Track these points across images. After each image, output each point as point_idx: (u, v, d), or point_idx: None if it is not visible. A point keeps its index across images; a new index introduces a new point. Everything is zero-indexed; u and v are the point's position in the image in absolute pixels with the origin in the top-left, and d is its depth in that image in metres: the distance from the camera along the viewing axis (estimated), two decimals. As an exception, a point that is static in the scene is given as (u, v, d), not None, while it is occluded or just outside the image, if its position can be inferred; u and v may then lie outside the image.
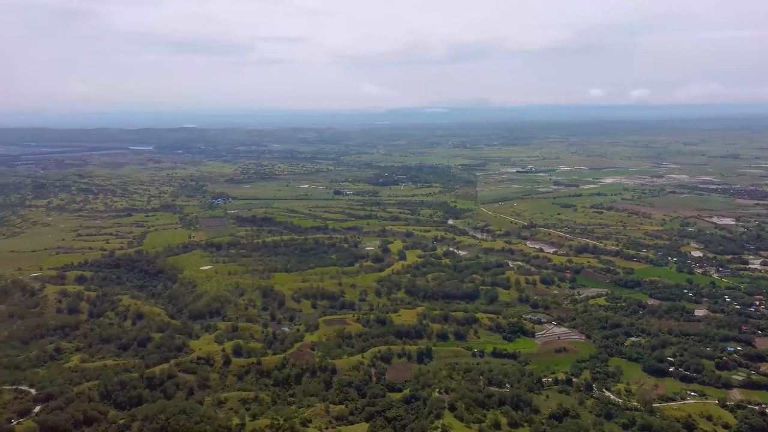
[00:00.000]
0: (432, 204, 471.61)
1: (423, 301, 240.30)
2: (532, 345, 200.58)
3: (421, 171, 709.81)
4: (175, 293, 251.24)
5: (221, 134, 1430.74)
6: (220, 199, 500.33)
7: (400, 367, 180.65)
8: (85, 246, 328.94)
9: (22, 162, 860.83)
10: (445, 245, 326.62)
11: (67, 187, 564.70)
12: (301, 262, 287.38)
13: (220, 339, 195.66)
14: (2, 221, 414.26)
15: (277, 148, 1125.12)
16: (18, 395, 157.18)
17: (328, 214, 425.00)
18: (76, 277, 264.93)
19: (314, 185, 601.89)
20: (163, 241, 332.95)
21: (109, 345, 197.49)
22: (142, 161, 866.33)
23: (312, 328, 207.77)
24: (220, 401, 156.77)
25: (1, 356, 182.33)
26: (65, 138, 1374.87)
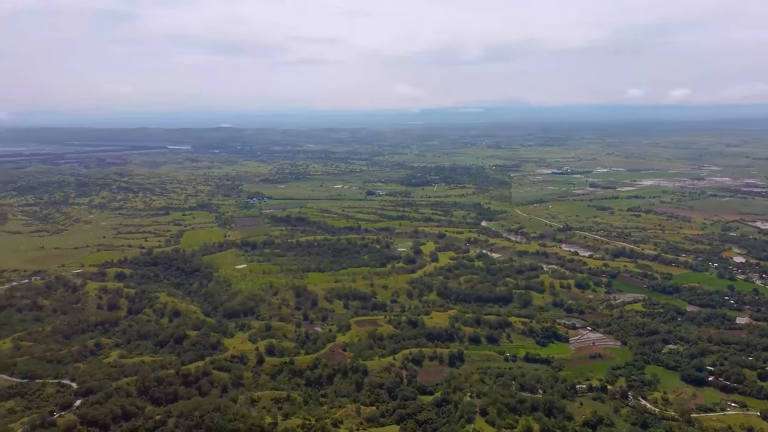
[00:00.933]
0: (465, 205, 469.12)
1: (455, 303, 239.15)
2: (566, 350, 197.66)
3: (455, 172, 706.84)
4: (211, 291, 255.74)
5: (257, 134, 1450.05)
6: (255, 199, 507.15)
7: (432, 370, 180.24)
8: (124, 244, 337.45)
9: (65, 161, 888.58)
10: (479, 247, 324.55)
11: (108, 186, 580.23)
12: (334, 263, 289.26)
13: (254, 338, 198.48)
14: (47, 218, 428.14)
15: (311, 148, 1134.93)
16: (60, 389, 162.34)
17: (360, 215, 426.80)
18: (116, 275, 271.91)
19: (347, 185, 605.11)
20: (199, 240, 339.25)
21: (147, 341, 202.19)
22: (179, 160, 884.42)
23: (344, 329, 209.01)
24: (253, 400, 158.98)
25: (45, 350, 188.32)
26: (107, 137, 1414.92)
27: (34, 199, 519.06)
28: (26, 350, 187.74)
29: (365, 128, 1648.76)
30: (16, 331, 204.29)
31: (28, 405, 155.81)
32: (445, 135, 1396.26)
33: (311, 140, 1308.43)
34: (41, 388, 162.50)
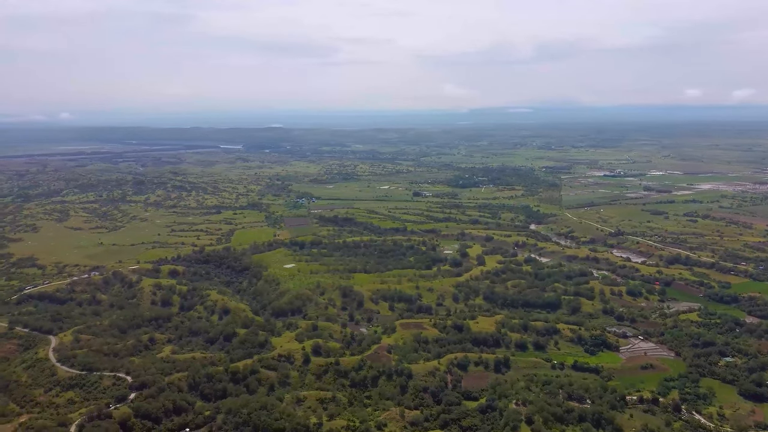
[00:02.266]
0: (513, 208, 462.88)
1: (502, 308, 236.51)
2: (615, 360, 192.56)
3: (503, 173, 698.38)
4: (260, 290, 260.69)
5: (306, 134, 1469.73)
6: (303, 199, 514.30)
7: (477, 376, 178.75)
8: (178, 241, 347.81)
9: (123, 159, 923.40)
10: (527, 251, 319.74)
11: (163, 184, 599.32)
12: (380, 264, 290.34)
13: (301, 337, 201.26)
14: (106, 215, 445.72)
15: (359, 148, 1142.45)
16: (116, 382, 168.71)
17: (407, 216, 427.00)
18: (170, 271, 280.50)
19: (394, 186, 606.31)
20: (249, 239, 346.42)
21: (198, 338, 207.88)
22: (231, 160, 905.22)
23: (389, 331, 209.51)
24: (299, 399, 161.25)
25: (102, 344, 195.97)
26: (163, 136, 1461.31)
27: (94, 197, 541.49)
28: (85, 343, 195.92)
29: (413, 129, 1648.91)
30: (76, 325, 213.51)
31: (86, 396, 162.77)
32: (494, 135, 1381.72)
33: (359, 141, 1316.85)
34: (98, 381, 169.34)
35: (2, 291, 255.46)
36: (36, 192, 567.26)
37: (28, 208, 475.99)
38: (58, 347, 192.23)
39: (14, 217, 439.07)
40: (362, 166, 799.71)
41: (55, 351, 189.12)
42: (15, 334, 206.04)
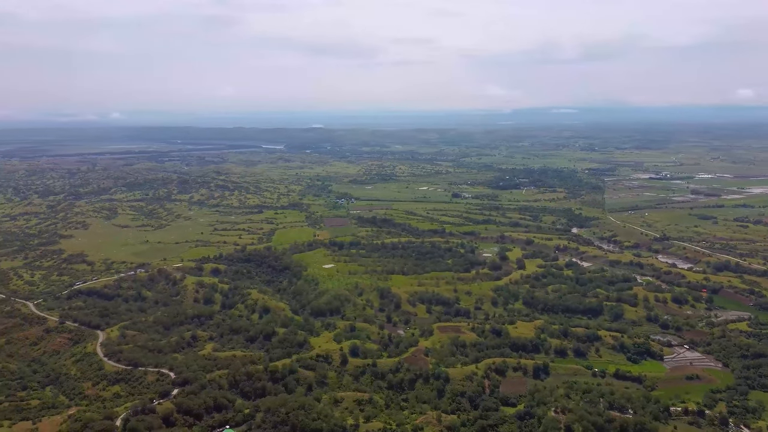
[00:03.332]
0: (555, 210, 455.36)
1: (541, 313, 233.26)
2: (659, 369, 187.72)
3: (545, 175, 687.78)
4: (299, 290, 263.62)
5: (347, 135, 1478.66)
6: (343, 199, 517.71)
7: (515, 381, 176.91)
8: (220, 240, 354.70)
9: (169, 158, 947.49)
10: (568, 255, 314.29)
11: (206, 184, 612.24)
12: (418, 266, 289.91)
13: (339, 338, 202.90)
14: (152, 214, 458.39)
15: (398, 149, 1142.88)
16: (160, 377, 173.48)
17: (445, 218, 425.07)
18: (212, 270, 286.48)
19: (433, 187, 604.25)
20: (290, 239, 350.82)
21: (238, 336, 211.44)
22: (273, 160, 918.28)
23: (426, 334, 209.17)
24: (336, 400, 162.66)
25: (147, 339, 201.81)
26: (207, 136, 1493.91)
27: (141, 195, 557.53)
28: (131, 339, 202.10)
29: (453, 129, 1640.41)
30: (122, 320, 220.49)
31: (131, 391, 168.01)
32: (537, 136, 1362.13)
33: (399, 141, 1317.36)
34: (143, 376, 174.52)
35: (54, 286, 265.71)
36: (86, 190, 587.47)
37: (78, 206, 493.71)
38: (105, 342, 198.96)
39: (66, 214, 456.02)
40: (401, 167, 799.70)
41: (103, 346, 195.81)
42: (65, 328, 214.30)
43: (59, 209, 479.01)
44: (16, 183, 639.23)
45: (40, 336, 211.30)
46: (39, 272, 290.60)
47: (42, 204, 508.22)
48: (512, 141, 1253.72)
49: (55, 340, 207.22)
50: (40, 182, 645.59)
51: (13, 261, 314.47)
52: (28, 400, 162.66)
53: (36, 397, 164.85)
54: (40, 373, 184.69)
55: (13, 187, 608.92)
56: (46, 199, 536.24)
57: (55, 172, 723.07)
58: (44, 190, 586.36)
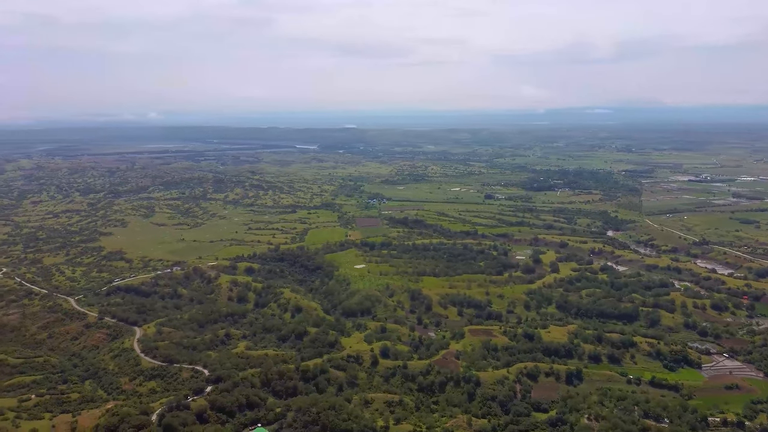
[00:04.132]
0: (590, 213, 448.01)
1: (575, 318, 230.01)
2: (697, 377, 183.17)
3: (580, 176, 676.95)
4: (331, 290, 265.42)
5: (379, 135, 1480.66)
6: (375, 200, 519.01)
7: (547, 387, 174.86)
8: (254, 239, 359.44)
9: (205, 158, 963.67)
10: (603, 259, 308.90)
11: (241, 183, 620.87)
12: (449, 267, 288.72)
13: (370, 339, 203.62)
14: (188, 212, 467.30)
15: (431, 149, 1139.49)
16: (194, 374, 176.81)
17: (477, 219, 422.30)
18: (246, 269, 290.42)
19: (465, 188, 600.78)
20: (322, 239, 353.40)
21: (271, 335, 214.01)
22: (306, 160, 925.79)
23: (457, 336, 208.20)
24: (366, 401, 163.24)
25: (182, 337, 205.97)
26: (242, 136, 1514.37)
27: (177, 194, 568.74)
28: (167, 335, 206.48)
29: (486, 129, 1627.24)
30: (159, 317, 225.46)
31: (166, 387, 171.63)
32: (571, 136, 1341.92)
33: (431, 141, 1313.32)
34: (178, 372, 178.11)
35: (94, 282, 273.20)
36: (125, 188, 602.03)
37: (117, 204, 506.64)
38: (142, 338, 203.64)
39: (105, 212, 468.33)
40: (433, 167, 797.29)
41: (140, 342, 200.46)
42: (104, 324, 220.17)
43: (99, 207, 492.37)
44: (59, 181, 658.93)
45: (81, 331, 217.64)
46: (80, 269, 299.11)
47: (83, 202, 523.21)
48: (546, 141, 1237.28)
49: (94, 335, 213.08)
50: (82, 180, 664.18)
51: (56, 257, 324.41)
52: (69, 393, 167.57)
53: (76, 391, 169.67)
54: (80, 368, 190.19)
55: (56, 185, 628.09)
56: (87, 197, 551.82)
57: (95, 171, 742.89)
58: (85, 188, 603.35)
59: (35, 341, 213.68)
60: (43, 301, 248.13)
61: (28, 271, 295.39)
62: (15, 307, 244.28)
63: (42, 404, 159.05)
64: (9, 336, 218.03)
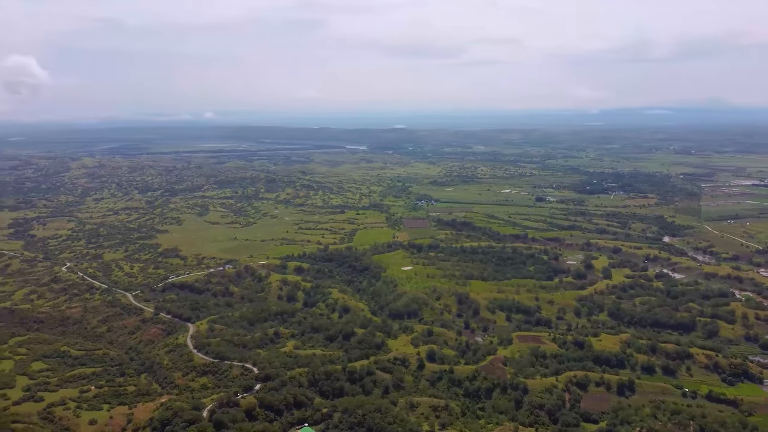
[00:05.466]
0: (645, 217, 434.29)
1: (628, 327, 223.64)
2: (758, 393, 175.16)
3: (635, 179, 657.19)
4: (378, 291, 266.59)
5: (429, 135, 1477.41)
6: (423, 201, 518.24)
7: (597, 397, 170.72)
8: (304, 239, 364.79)
9: (258, 157, 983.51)
10: (659, 266, 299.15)
11: (292, 183, 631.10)
12: (498, 271, 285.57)
13: (416, 342, 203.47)
14: (240, 211, 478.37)
15: (481, 149, 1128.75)
16: (244, 372, 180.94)
17: (528, 222, 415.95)
18: (296, 268, 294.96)
19: (516, 190, 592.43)
20: (370, 239, 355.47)
21: (319, 335, 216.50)
22: (356, 160, 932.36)
23: (505, 342, 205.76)
24: (412, 404, 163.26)
25: (233, 334, 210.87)
26: (293, 136, 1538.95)
27: (230, 192, 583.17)
28: (218, 332, 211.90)
29: (538, 129, 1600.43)
30: (211, 314, 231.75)
31: (217, 383, 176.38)
32: (627, 138, 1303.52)
33: (481, 141, 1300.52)
34: (228, 369, 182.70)
35: (150, 278, 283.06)
36: (181, 187, 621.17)
37: (173, 202, 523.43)
38: (195, 335, 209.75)
39: (162, 209, 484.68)
40: (483, 168, 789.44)
41: (193, 338, 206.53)
42: (160, 319, 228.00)
43: (156, 205, 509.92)
44: (119, 179, 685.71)
45: (137, 326, 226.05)
46: (137, 265, 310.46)
47: (141, 200, 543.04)
48: (600, 143, 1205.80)
49: (150, 330, 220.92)
50: (140, 179, 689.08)
51: (115, 253, 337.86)
52: (125, 386, 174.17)
53: (132, 384, 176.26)
54: (136, 361, 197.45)
55: (116, 183, 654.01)
56: (145, 195, 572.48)
57: (153, 169, 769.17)
58: (143, 187, 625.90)
59: (95, 334, 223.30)
60: (103, 295, 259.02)
61: (90, 266, 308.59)
62: (78, 300, 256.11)
63: (101, 395, 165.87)
64: (72, 328, 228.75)
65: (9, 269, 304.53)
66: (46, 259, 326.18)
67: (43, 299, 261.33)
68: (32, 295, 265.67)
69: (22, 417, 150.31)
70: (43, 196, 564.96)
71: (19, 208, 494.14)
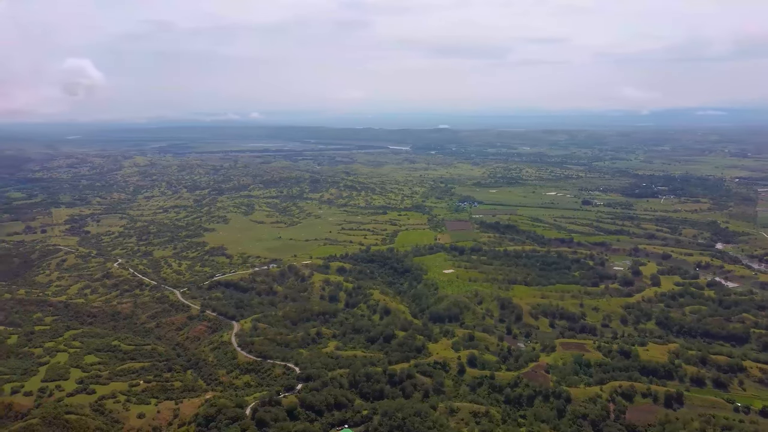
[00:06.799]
0: (697, 223, 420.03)
1: (677, 336, 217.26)
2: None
3: (687, 182, 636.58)
4: (419, 293, 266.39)
5: (472, 135, 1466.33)
6: (466, 203, 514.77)
7: (644, 409, 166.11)
8: (346, 239, 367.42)
9: (303, 157, 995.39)
10: (710, 274, 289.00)
11: (336, 183, 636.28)
12: (542, 276, 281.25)
13: (457, 346, 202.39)
14: (285, 211, 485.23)
15: (526, 150, 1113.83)
16: (286, 371, 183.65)
17: (573, 226, 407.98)
18: (338, 268, 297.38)
19: (561, 193, 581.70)
20: (411, 241, 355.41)
21: (360, 336, 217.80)
22: (399, 161, 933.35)
23: (548, 349, 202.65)
24: (452, 410, 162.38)
25: (276, 333, 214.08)
26: (338, 136, 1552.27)
27: (276, 192, 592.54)
28: (262, 331, 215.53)
29: (585, 130, 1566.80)
30: (255, 313, 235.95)
31: (260, 382, 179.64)
32: (679, 140, 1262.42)
33: (526, 142, 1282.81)
34: (271, 368, 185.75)
35: (197, 276, 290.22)
36: (227, 186, 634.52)
37: (220, 201, 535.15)
38: (239, 333, 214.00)
39: (209, 208, 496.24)
40: (528, 170, 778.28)
41: (237, 336, 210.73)
42: (205, 316, 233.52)
43: (204, 203, 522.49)
44: (169, 178, 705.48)
45: (184, 322, 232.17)
46: (185, 262, 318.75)
47: (190, 198, 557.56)
48: (650, 144, 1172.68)
49: (196, 327, 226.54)
50: (189, 177, 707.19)
51: (165, 250, 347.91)
52: (172, 381, 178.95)
53: (178, 379, 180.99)
54: (182, 357, 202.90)
55: (166, 182, 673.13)
56: (194, 193, 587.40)
57: (201, 168, 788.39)
58: (192, 185, 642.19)
59: (144, 330, 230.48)
60: (153, 292, 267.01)
61: (140, 263, 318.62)
62: (128, 296, 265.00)
63: (149, 390, 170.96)
64: (122, 323, 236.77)
65: (65, 264, 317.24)
66: (100, 255, 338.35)
67: (96, 294, 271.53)
68: (86, 290, 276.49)
69: (75, 408, 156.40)
70: (97, 193, 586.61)
71: (75, 205, 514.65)
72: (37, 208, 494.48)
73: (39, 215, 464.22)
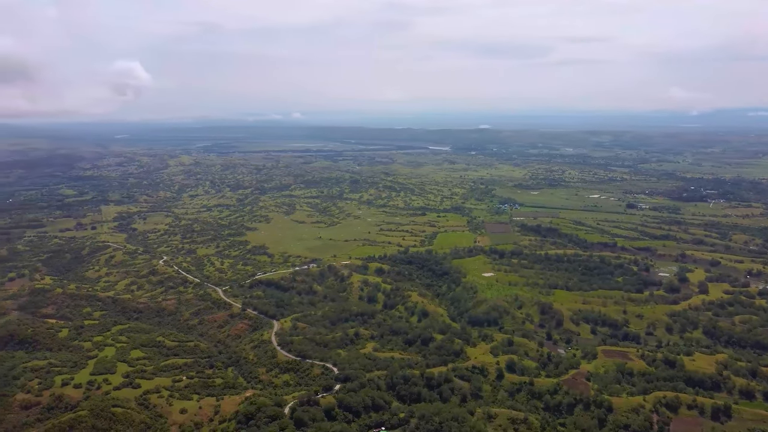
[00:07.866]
0: (749, 229, 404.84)
1: (725, 347, 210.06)
2: None
3: (738, 186, 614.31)
4: (457, 296, 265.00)
5: (514, 136, 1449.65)
6: (506, 205, 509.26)
7: (689, 421, 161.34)
8: (385, 240, 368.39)
9: (343, 158, 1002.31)
10: (762, 282, 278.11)
11: (375, 184, 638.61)
12: (584, 281, 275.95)
13: (496, 351, 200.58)
14: (325, 211, 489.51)
15: (568, 152, 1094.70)
16: (324, 371, 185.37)
17: (617, 230, 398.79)
18: (376, 269, 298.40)
19: (605, 196, 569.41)
20: (450, 243, 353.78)
21: (397, 338, 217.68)
22: (438, 161, 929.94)
23: (589, 356, 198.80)
24: (489, 415, 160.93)
25: (315, 333, 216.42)
26: (377, 136, 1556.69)
27: (316, 192, 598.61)
28: (301, 330, 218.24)
29: (629, 131, 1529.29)
30: (294, 312, 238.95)
31: (299, 381, 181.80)
32: (729, 141, 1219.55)
33: (569, 143, 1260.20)
34: (310, 368, 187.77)
35: (239, 275, 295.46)
36: (270, 185, 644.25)
37: (263, 200, 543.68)
38: (279, 332, 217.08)
39: (251, 207, 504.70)
40: (571, 172, 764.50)
41: (277, 335, 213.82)
42: (246, 315, 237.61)
43: (246, 203, 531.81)
44: (213, 176, 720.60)
45: (226, 320, 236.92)
46: (227, 261, 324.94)
47: (233, 197, 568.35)
48: (699, 146, 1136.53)
49: (237, 325, 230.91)
50: (232, 176, 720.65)
51: (208, 248, 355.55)
52: (214, 378, 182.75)
53: (220, 376, 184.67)
54: (224, 354, 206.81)
55: (210, 180, 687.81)
56: (236, 192, 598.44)
57: (244, 168, 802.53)
58: (235, 184, 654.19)
59: (187, 326, 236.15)
60: (196, 289, 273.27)
61: (184, 260, 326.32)
62: (173, 293, 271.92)
63: (191, 386, 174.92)
64: (167, 319, 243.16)
65: (113, 260, 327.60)
66: (146, 252, 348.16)
67: (142, 290, 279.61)
68: (132, 286, 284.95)
69: (121, 402, 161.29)
70: (144, 191, 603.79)
71: (123, 203, 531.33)
72: (88, 205, 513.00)
73: (89, 212, 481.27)
